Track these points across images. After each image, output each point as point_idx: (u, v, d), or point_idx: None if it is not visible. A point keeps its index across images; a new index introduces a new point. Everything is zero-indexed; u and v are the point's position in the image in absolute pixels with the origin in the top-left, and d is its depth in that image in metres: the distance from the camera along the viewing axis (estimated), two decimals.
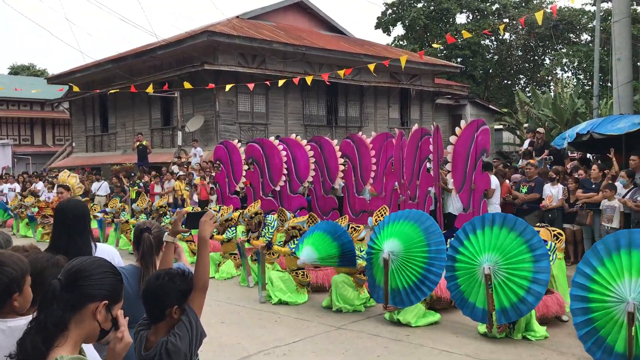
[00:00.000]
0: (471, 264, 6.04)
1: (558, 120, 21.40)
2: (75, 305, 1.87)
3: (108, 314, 1.94)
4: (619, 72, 13.75)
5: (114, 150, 25.38)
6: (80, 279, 1.90)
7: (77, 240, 3.16)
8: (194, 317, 2.61)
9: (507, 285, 5.79)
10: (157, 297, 2.54)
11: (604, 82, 22.81)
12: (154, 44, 21.98)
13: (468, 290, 6.11)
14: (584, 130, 11.52)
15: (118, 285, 2.00)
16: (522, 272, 5.78)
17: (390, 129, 22.15)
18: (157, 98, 22.06)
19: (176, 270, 2.63)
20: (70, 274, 1.91)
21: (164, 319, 2.57)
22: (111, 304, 1.95)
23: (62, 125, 39.10)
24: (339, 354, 5.73)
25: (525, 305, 5.77)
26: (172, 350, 2.50)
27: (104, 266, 1.99)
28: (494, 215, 6.11)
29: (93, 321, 1.89)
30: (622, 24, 13.84)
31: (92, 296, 1.90)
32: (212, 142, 19.40)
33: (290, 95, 22.15)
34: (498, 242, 5.90)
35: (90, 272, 1.93)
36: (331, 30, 26.30)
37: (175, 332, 2.54)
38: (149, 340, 2.59)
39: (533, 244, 5.81)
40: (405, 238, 6.64)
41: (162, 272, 2.63)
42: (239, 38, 20.00)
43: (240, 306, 7.73)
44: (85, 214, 3.31)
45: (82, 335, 1.89)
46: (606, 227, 9.08)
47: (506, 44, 39.06)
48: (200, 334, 2.62)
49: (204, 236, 2.76)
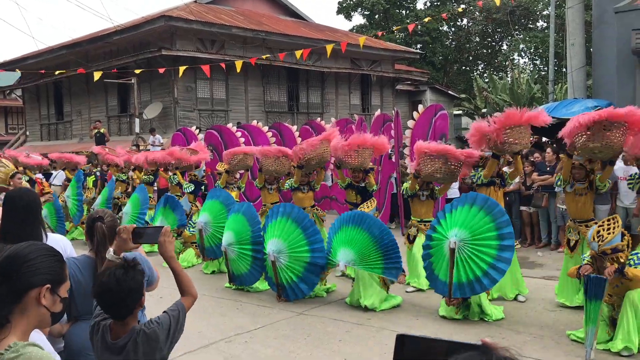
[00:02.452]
0: (442, 237, 6.10)
1: (515, 105, 21.79)
2: (16, 296, 1.79)
3: (55, 296, 1.86)
4: (572, 58, 14.06)
5: (70, 138, 24.74)
6: (15, 267, 1.81)
7: (27, 230, 3.06)
8: (183, 315, 2.63)
9: (468, 263, 5.87)
10: (125, 299, 2.45)
11: (559, 68, 23.30)
12: (109, 29, 21.43)
13: (435, 262, 6.20)
14: None
15: (58, 265, 1.91)
16: (486, 255, 5.85)
17: (351, 115, 22.18)
18: (113, 85, 21.56)
19: (127, 265, 2.51)
20: (3, 265, 1.82)
21: (131, 314, 2.52)
22: (55, 286, 1.87)
23: (15, 113, 37.85)
24: (301, 340, 5.74)
25: (480, 285, 5.86)
26: (152, 336, 2.48)
27: (38, 249, 1.90)
28: (477, 196, 6.10)
29: (39, 307, 1.82)
30: (576, 10, 14.13)
31: (30, 283, 1.81)
32: (170, 129, 19.07)
33: (250, 82, 21.93)
34: (472, 221, 5.94)
35: (24, 258, 1.83)
36: (292, 16, 26.09)
37: (155, 320, 2.53)
38: (114, 329, 2.53)
39: (504, 234, 5.85)
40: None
41: (119, 274, 2.46)
42: (197, 23, 19.66)
43: (201, 294, 7.65)
44: (34, 203, 3.20)
45: (31, 323, 1.82)
46: (561, 209, 9.31)
47: (464, 30, 39.48)
48: (179, 331, 2.63)
49: (169, 256, 2.75)
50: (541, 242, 10.05)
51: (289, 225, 7.12)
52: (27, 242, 1.93)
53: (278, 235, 7.12)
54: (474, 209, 6.00)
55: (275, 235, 7.13)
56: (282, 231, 7.12)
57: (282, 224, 7.16)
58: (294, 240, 7.05)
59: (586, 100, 11.84)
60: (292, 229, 7.09)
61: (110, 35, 20.85)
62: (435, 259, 6.22)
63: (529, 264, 8.84)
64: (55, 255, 1.94)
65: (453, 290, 5.97)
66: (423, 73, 29.74)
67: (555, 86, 19.13)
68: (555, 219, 9.65)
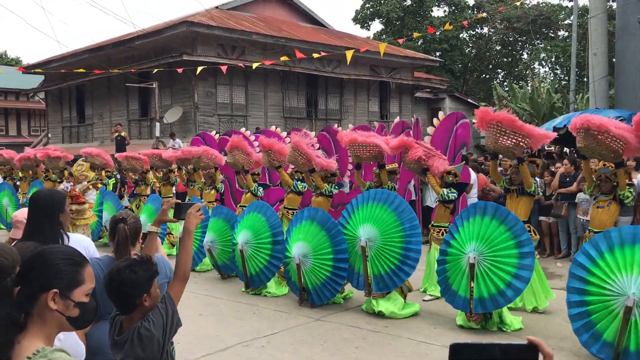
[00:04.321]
0: (459, 252, 6.03)
1: (535, 115, 21.63)
2: (30, 298, 1.81)
3: (67, 301, 1.85)
4: (595, 67, 13.93)
5: (91, 141, 25.03)
6: (30, 271, 1.85)
7: (50, 230, 3.11)
8: (172, 305, 2.61)
9: (489, 277, 5.80)
10: (123, 291, 2.52)
11: (581, 77, 23.10)
12: (132, 34, 21.68)
13: (452, 277, 6.11)
14: (560, 124, 11.66)
15: (70, 269, 1.90)
16: (507, 266, 5.77)
17: (369, 122, 22.17)
18: (134, 89, 21.80)
19: (133, 260, 2.57)
20: (23, 268, 1.86)
21: (135, 309, 2.55)
22: (66, 290, 1.86)
23: (37, 116, 38.44)
24: (318, 346, 5.74)
25: (503, 298, 5.79)
26: (145, 335, 2.49)
27: (51, 253, 1.91)
28: (487, 205, 6.04)
29: (52, 311, 1.82)
30: (599, 20, 14.01)
31: (41, 287, 1.82)
32: (190, 134, 19.23)
33: (270, 88, 22.04)
34: (487, 232, 5.87)
35: (40, 261, 1.87)
36: (312, 23, 26.20)
37: (150, 318, 2.53)
38: (123, 325, 2.58)
39: (522, 241, 5.76)
40: (379, 221, 6.59)
41: (122, 266, 2.54)
42: (219, 29, 19.82)
43: (219, 298, 7.70)
44: (57, 203, 3.24)
45: (51, 327, 1.83)
46: (581, 220, 9.20)
47: (484, 38, 39.31)
48: (175, 322, 2.61)
49: (189, 227, 2.81)
50: (560, 252, 9.94)
51: (313, 227, 7.08)
52: (44, 247, 1.94)
53: (303, 238, 7.10)
54: (486, 219, 5.93)
55: (300, 239, 7.11)
56: (306, 234, 7.10)
57: (307, 227, 7.13)
58: (319, 244, 6.98)
59: (608, 111, 11.71)
60: (317, 232, 7.03)
61: (133, 40, 21.10)
62: (452, 274, 6.13)
63: (548, 274, 8.73)
64: (70, 258, 1.92)
65: (474, 306, 5.90)
66: (442, 81, 29.66)
67: (577, 96, 18.96)
68: (576, 230, 9.54)
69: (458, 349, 1.14)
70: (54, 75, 25.24)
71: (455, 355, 1.14)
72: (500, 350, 1.12)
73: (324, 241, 6.95)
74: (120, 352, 2.54)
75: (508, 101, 24.34)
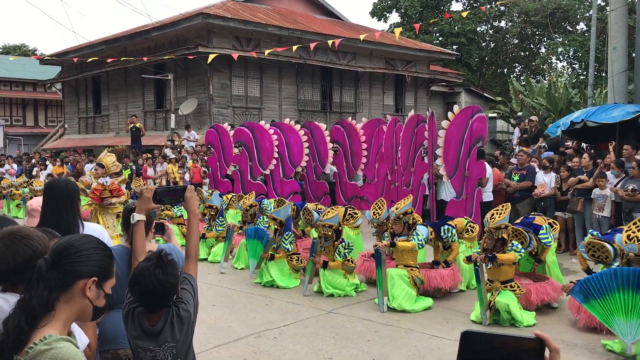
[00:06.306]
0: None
1: (552, 109, 21.39)
2: (64, 283, 1.82)
3: (100, 290, 1.90)
4: (614, 62, 13.73)
5: (107, 132, 25.21)
6: (67, 256, 1.85)
7: (66, 218, 3.15)
8: (194, 284, 2.71)
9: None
10: (165, 297, 2.55)
11: (599, 72, 22.79)
12: (147, 25, 21.74)
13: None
14: (578, 119, 11.52)
15: (107, 261, 1.95)
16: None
17: (384, 115, 22.08)
18: (150, 80, 21.87)
19: (157, 262, 2.54)
20: (57, 252, 1.87)
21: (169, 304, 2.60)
22: (101, 280, 1.90)
23: (54, 107, 38.75)
24: (330, 338, 5.74)
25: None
26: (185, 316, 2.57)
27: (92, 242, 1.94)
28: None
29: (83, 298, 1.85)
30: (619, 13, 13.79)
31: (80, 273, 1.85)
32: (205, 126, 19.28)
33: (284, 80, 22.01)
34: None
35: (77, 248, 1.88)
36: (327, 15, 26.09)
37: (181, 299, 2.60)
38: (149, 316, 2.59)
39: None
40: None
41: (156, 274, 2.50)
42: (234, 21, 19.81)
43: (232, 289, 7.73)
44: (73, 193, 3.28)
45: (73, 314, 1.85)
46: (597, 216, 9.12)
47: (502, 32, 38.92)
48: (198, 301, 2.71)
49: (193, 210, 2.91)
50: (576, 248, 9.84)
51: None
52: (81, 234, 1.98)
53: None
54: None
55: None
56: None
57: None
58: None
59: (627, 105, 11.54)
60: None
61: (149, 32, 21.15)
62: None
63: (563, 270, 8.65)
64: (106, 250, 1.97)
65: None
66: (458, 74, 29.43)
67: (595, 90, 18.71)
68: (591, 225, 9.45)
69: (469, 337, 1.17)
70: (71, 66, 25.39)
71: (466, 343, 1.17)
72: (510, 341, 1.16)
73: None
74: (153, 341, 2.56)
75: (525, 95, 24.11)
